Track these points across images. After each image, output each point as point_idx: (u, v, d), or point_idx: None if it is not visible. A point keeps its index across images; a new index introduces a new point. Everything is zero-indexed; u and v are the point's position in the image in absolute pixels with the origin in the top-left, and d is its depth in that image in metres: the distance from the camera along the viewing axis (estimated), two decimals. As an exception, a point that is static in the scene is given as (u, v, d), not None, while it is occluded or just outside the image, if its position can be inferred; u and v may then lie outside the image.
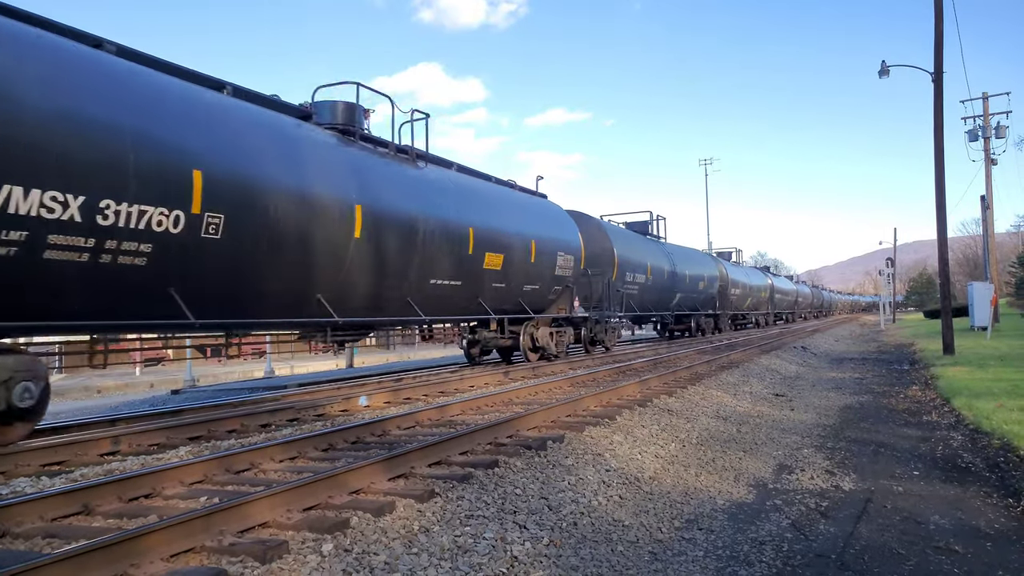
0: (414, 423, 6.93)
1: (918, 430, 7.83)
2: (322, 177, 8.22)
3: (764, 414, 8.89)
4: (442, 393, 9.80)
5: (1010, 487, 5.28)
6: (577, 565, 3.73)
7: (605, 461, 5.51)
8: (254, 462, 5.18)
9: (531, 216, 13.27)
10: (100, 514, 4.04)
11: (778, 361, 15.50)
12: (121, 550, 3.02)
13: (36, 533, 3.67)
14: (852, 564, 3.91)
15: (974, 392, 9.42)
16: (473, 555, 3.56)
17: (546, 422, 6.65)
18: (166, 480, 4.58)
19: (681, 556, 4.06)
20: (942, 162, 16.13)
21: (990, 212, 31.99)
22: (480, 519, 4.01)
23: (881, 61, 19.05)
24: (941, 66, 16.20)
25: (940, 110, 16.07)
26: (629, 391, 8.83)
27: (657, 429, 6.89)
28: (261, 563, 3.13)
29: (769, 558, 4.04)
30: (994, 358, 14.18)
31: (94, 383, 15.42)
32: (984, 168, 31.78)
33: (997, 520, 4.60)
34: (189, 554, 3.25)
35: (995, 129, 31.93)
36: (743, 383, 11.25)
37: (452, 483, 4.46)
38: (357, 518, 3.72)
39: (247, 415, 7.58)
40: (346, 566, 3.21)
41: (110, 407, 11.37)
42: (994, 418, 7.42)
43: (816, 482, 5.67)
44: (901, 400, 10.18)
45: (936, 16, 16.11)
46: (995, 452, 6.29)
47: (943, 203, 16.26)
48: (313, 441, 5.82)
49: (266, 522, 3.67)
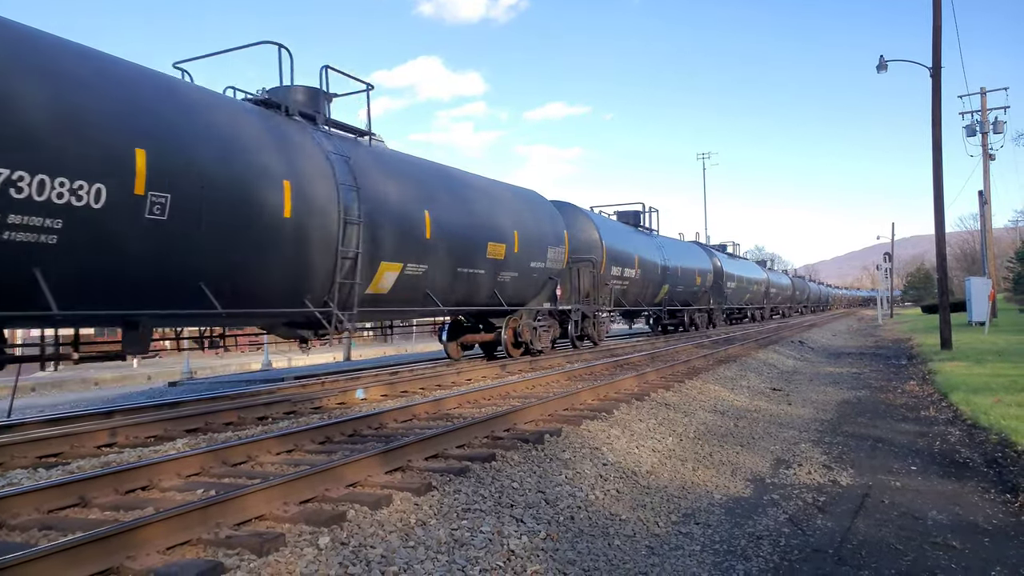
0: (411, 416, 6.92)
1: (916, 425, 7.84)
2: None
3: (761, 409, 8.90)
4: (439, 386, 9.79)
5: (1008, 482, 5.28)
6: (574, 559, 3.73)
7: (602, 455, 5.51)
8: (251, 455, 5.17)
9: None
10: (97, 506, 4.02)
11: (775, 356, 15.52)
12: (117, 542, 3.01)
13: (32, 525, 3.66)
14: (849, 559, 3.91)
15: (972, 387, 9.44)
16: (470, 548, 3.56)
17: (543, 416, 6.65)
18: (163, 472, 4.57)
19: (678, 550, 4.06)
20: (940, 157, 16.13)
21: (988, 207, 32.01)
22: (477, 512, 4.00)
23: (879, 56, 19.01)
24: (939, 61, 16.17)
25: (938, 105, 16.05)
26: (626, 385, 8.82)
27: (654, 423, 6.89)
28: (258, 556, 3.11)
29: (766, 552, 4.04)
30: (992, 353, 14.21)
31: (91, 375, 15.40)
32: (982, 163, 31.82)
33: (995, 516, 4.61)
34: (185, 546, 3.24)
35: (993, 124, 31.92)
36: (740, 377, 11.26)
37: (449, 476, 4.45)
38: (354, 511, 3.72)
39: (244, 408, 7.57)
40: (343, 559, 3.20)
41: (107, 399, 11.36)
42: (992, 413, 7.43)
43: (814, 477, 5.68)
44: (899, 395, 10.19)
45: (934, 11, 16.07)
46: (993, 447, 6.30)
47: (941, 198, 16.26)
48: (310, 434, 5.81)
49: (263, 515, 3.66)
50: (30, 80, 5.56)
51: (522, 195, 13.81)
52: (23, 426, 6.83)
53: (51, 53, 5.93)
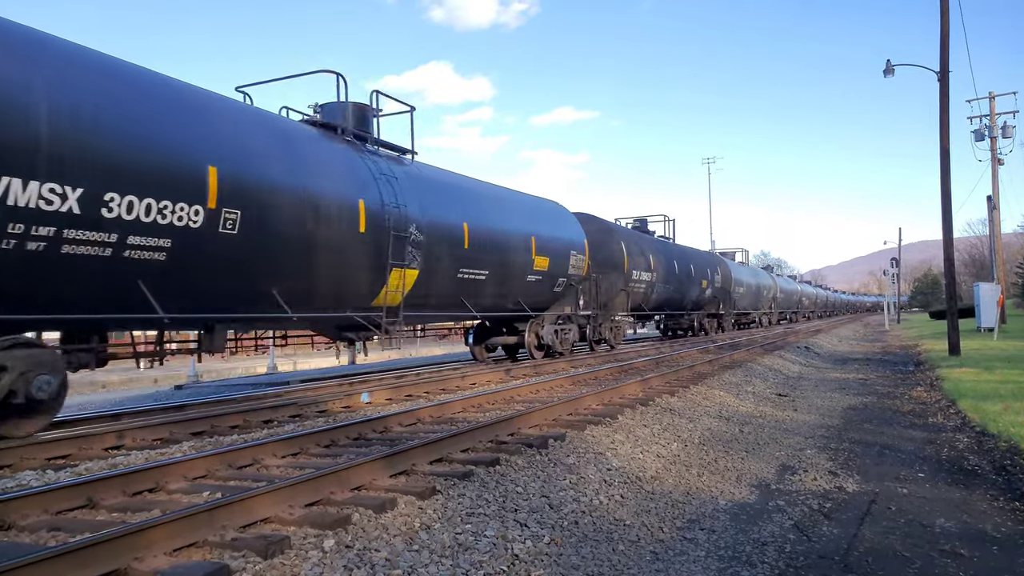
0: (415, 420, 6.93)
1: (923, 432, 7.79)
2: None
3: (767, 414, 8.87)
4: (443, 390, 9.80)
5: (1017, 490, 5.24)
6: (578, 564, 3.73)
7: (606, 460, 5.50)
8: (256, 458, 5.19)
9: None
10: (104, 508, 4.05)
11: (781, 361, 15.45)
12: (124, 544, 3.03)
13: (41, 526, 3.68)
14: (856, 566, 3.89)
15: (980, 394, 9.37)
16: (474, 553, 3.56)
17: (547, 420, 6.65)
18: (169, 475, 4.59)
19: (683, 556, 4.05)
20: (948, 162, 16.05)
21: (996, 212, 31.84)
22: (481, 517, 4.01)
23: (887, 60, 18.95)
24: (947, 65, 16.11)
25: (946, 109, 15.98)
26: (631, 390, 8.81)
27: (659, 429, 6.87)
28: (263, 558, 3.13)
29: (771, 559, 4.02)
30: (1001, 359, 14.11)
31: (99, 378, 15.47)
32: (991, 168, 31.64)
33: (1004, 524, 4.58)
34: (192, 548, 3.26)
35: (1001, 129, 31.77)
36: (746, 383, 11.22)
37: (453, 480, 4.46)
38: (359, 514, 3.73)
39: (250, 411, 7.60)
40: (347, 562, 3.21)
41: (114, 402, 11.42)
42: (1001, 420, 7.38)
43: (819, 483, 5.65)
44: (906, 401, 10.13)
45: (942, 15, 16.01)
46: (1002, 455, 6.25)
47: (948, 203, 16.18)
48: (315, 437, 5.83)
49: (268, 517, 3.67)
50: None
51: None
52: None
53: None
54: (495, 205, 12.37)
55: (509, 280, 12.39)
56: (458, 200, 11.27)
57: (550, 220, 14.17)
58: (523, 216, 13.13)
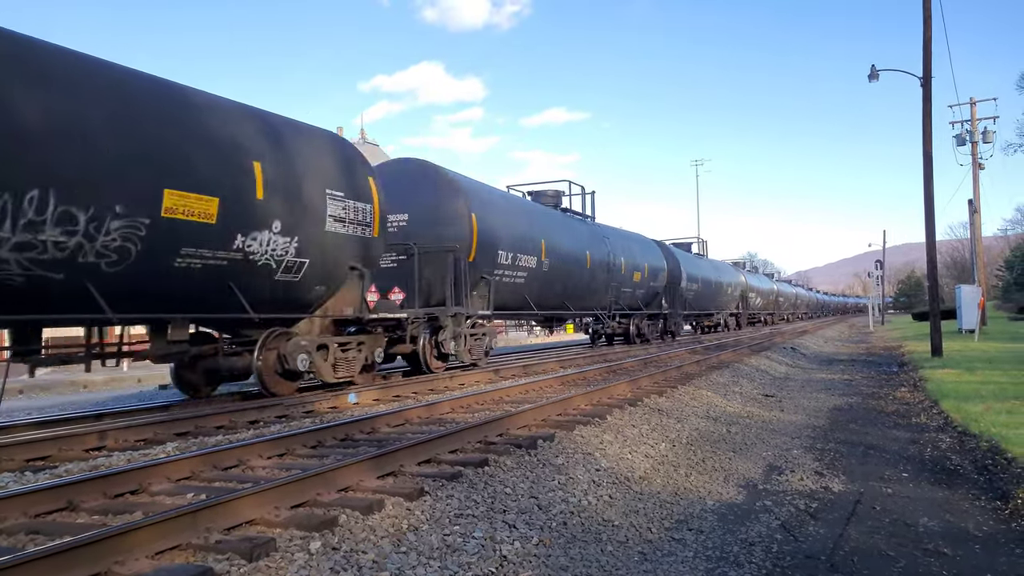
0: (403, 421, 6.89)
1: (907, 432, 7.87)
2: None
3: (754, 415, 8.92)
4: (432, 391, 9.76)
5: (998, 489, 5.31)
6: (567, 565, 3.72)
7: (595, 460, 5.50)
8: (242, 459, 5.13)
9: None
10: (85, 510, 3.98)
11: (768, 362, 15.56)
12: (105, 547, 2.98)
13: (19, 529, 3.61)
14: (841, 566, 3.91)
15: (962, 395, 9.49)
16: (462, 554, 3.54)
17: (536, 421, 6.63)
18: (152, 476, 4.52)
19: (671, 556, 4.05)
20: (930, 166, 16.25)
21: (977, 216, 32.29)
22: (469, 518, 3.98)
23: (871, 65, 19.16)
24: (930, 71, 16.32)
25: (928, 114, 16.18)
26: (620, 390, 8.82)
27: (647, 429, 6.89)
28: (248, 561, 3.08)
29: (759, 559, 4.04)
30: (982, 361, 14.30)
31: (80, 378, 15.24)
32: (972, 172, 32.09)
33: (985, 523, 4.63)
34: (175, 551, 3.20)
35: (982, 134, 32.21)
36: (733, 384, 11.28)
37: (441, 482, 4.43)
38: (345, 516, 3.69)
39: (235, 411, 7.51)
40: (334, 564, 3.18)
41: (97, 402, 11.26)
42: (982, 420, 7.47)
43: (806, 483, 5.69)
44: (890, 402, 10.23)
45: (925, 21, 16.23)
46: (983, 454, 6.32)
47: (931, 207, 16.38)
48: (302, 438, 5.77)
49: (253, 519, 3.62)
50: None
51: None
52: (11, 428, 6.76)
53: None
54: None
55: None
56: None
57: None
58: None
